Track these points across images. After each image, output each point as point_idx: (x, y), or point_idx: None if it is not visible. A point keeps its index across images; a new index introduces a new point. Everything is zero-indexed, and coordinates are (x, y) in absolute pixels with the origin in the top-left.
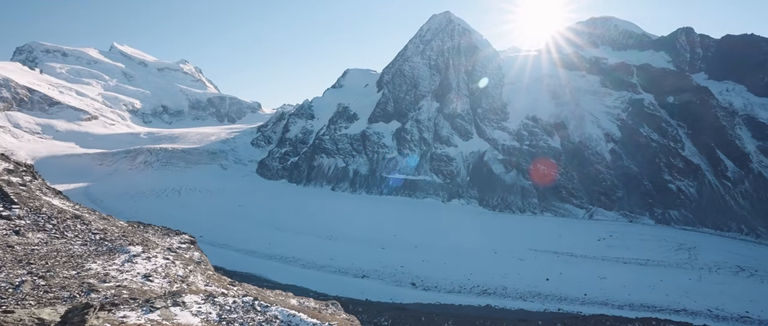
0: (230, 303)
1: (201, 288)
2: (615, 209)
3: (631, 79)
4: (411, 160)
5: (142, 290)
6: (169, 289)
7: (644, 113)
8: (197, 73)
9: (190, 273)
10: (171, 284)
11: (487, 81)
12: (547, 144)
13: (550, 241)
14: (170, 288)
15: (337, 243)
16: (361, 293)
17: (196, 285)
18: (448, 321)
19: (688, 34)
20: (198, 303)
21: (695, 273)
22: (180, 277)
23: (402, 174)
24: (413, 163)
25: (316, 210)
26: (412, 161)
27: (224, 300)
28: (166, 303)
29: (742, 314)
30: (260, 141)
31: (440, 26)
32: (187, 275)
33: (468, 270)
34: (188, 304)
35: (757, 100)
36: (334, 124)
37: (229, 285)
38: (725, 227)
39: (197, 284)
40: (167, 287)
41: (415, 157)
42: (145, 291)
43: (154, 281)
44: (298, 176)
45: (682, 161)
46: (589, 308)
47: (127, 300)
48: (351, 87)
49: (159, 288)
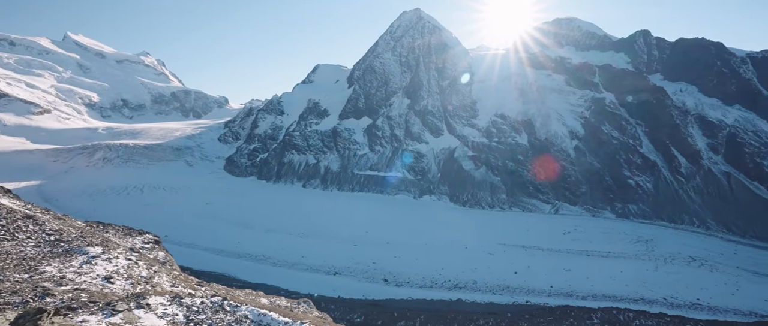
0: (198, 303)
1: (167, 290)
2: (579, 204)
3: (593, 79)
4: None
5: (103, 293)
6: (132, 291)
7: (605, 112)
8: (160, 65)
9: (154, 274)
10: (134, 286)
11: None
12: (515, 141)
13: (518, 236)
14: (133, 290)
15: (308, 240)
16: (334, 290)
17: (161, 286)
18: (421, 316)
19: (646, 37)
20: (163, 304)
21: (652, 264)
22: (144, 278)
23: (374, 170)
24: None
25: (287, 208)
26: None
27: (191, 300)
28: (129, 306)
29: (693, 301)
30: (228, 137)
31: (411, 23)
32: (151, 276)
33: (439, 266)
34: (153, 306)
35: (707, 101)
36: (305, 119)
37: (196, 286)
38: (679, 220)
39: (162, 285)
40: (130, 289)
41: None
42: (106, 294)
43: (115, 283)
44: (267, 173)
45: (640, 158)
46: (556, 299)
47: (85, 303)
48: (321, 82)
49: (121, 290)
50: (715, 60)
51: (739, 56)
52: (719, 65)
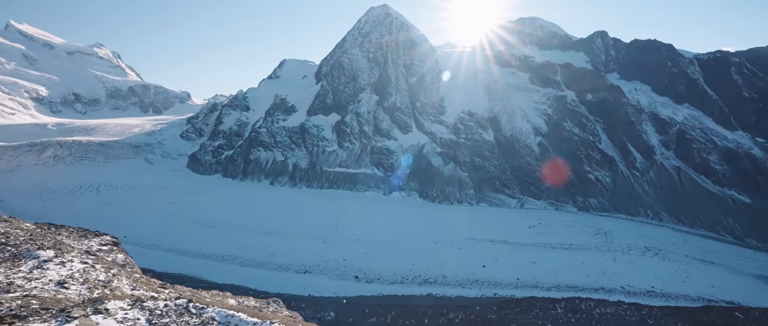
0: (161, 306)
1: (127, 293)
2: (543, 198)
3: (555, 77)
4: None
5: (56, 299)
6: (89, 296)
7: (567, 109)
8: (115, 58)
9: (113, 278)
10: (91, 290)
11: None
12: (482, 137)
13: (486, 230)
14: (90, 295)
15: (277, 238)
16: (304, 288)
17: (121, 289)
18: (392, 312)
19: (603, 38)
20: (124, 309)
21: (611, 254)
22: (102, 282)
23: (342, 167)
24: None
25: (254, 206)
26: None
27: (154, 304)
28: (86, 312)
29: (648, 289)
30: (191, 133)
31: (378, 19)
32: (110, 279)
33: (409, 261)
34: (112, 311)
35: (659, 99)
36: (272, 116)
37: (159, 288)
38: (635, 212)
39: (122, 289)
40: (87, 294)
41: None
42: (60, 300)
43: (70, 288)
44: (233, 170)
45: (599, 153)
46: (522, 291)
47: (36, 310)
48: (288, 78)
49: (77, 295)
50: (666, 61)
51: (687, 57)
52: (670, 66)
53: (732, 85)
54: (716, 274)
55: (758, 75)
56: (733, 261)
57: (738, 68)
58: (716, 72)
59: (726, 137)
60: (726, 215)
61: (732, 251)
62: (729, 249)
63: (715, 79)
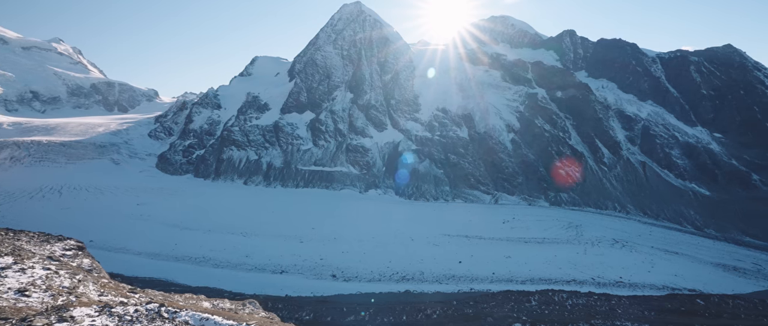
0: (131, 312)
1: (94, 300)
2: (516, 194)
3: (526, 75)
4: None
5: (17, 307)
6: (53, 304)
7: (538, 106)
8: (76, 54)
9: (79, 284)
10: (55, 298)
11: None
12: (457, 134)
13: (462, 226)
14: (54, 303)
15: (252, 239)
16: (281, 289)
17: (87, 296)
18: (370, 310)
19: (572, 36)
20: (91, 316)
21: (581, 247)
22: (66, 289)
23: (318, 166)
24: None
25: (228, 206)
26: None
27: (124, 309)
28: (49, 320)
29: (617, 279)
30: (159, 132)
31: (352, 16)
32: (75, 286)
33: (387, 259)
34: (78, 319)
35: (625, 96)
36: (244, 114)
37: (129, 293)
38: (603, 206)
39: (89, 295)
40: (50, 301)
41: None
42: (21, 309)
43: (31, 296)
44: (205, 170)
45: (569, 149)
46: (497, 285)
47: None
48: (260, 75)
49: (39, 303)
50: (631, 59)
51: (650, 56)
52: (634, 64)
53: (691, 83)
54: (679, 264)
55: (715, 73)
56: (695, 250)
57: (696, 67)
58: (677, 70)
59: (686, 132)
60: (687, 207)
61: (693, 241)
62: (690, 240)
63: (676, 77)
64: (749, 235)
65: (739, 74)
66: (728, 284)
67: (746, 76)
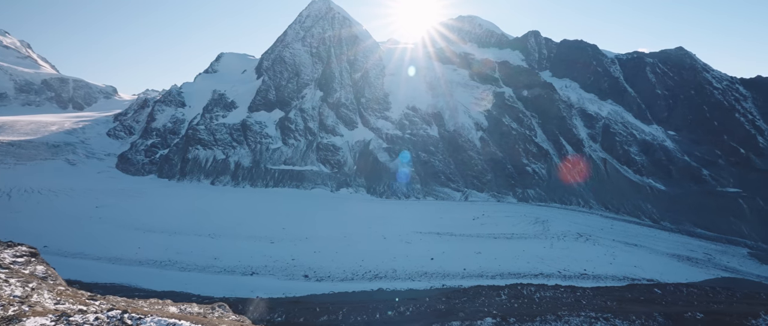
0: (91, 320)
1: (50, 308)
2: (485, 190)
3: (494, 74)
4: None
5: None
6: (3, 315)
7: (505, 105)
8: (24, 48)
9: (32, 292)
10: (5, 308)
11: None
12: (427, 132)
13: (433, 223)
14: (4, 313)
15: (221, 241)
16: (251, 291)
17: (42, 305)
18: (343, 309)
19: (536, 37)
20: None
21: (548, 241)
22: (18, 298)
23: (288, 165)
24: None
25: (195, 207)
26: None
27: (83, 317)
28: None
29: (581, 272)
30: (119, 131)
31: (320, 13)
32: (28, 294)
33: (359, 257)
34: None
35: (587, 96)
36: (210, 112)
37: (88, 300)
38: (568, 202)
39: (44, 304)
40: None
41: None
42: None
43: None
44: (169, 170)
45: (536, 147)
46: (469, 281)
47: None
48: (227, 72)
49: None
50: (592, 60)
51: (610, 57)
52: (595, 65)
53: (647, 83)
54: (638, 255)
55: (668, 74)
56: (652, 242)
57: (652, 68)
58: (634, 71)
59: (643, 130)
60: (645, 201)
61: (651, 234)
62: (648, 232)
63: (633, 78)
64: (700, 227)
65: (690, 75)
66: (682, 273)
67: (696, 77)
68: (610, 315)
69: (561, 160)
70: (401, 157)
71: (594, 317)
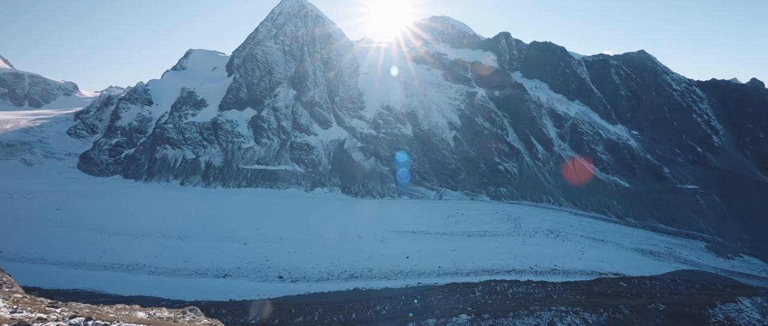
0: None
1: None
2: (459, 189)
3: (466, 75)
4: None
5: None
6: None
7: (478, 105)
8: None
9: None
10: None
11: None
12: (401, 132)
13: (408, 222)
14: None
15: (191, 243)
16: (224, 294)
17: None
18: (319, 310)
19: (507, 38)
20: None
21: (520, 238)
22: None
23: (261, 165)
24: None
25: (164, 209)
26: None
27: None
28: None
29: (552, 267)
30: (81, 130)
31: (293, 11)
32: None
33: (335, 257)
34: None
35: (556, 96)
36: (179, 110)
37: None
38: (539, 199)
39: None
40: None
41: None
42: None
43: None
44: (136, 171)
45: (507, 146)
46: (444, 278)
47: None
48: (196, 70)
49: None
50: (560, 61)
51: (577, 59)
52: (563, 66)
53: (612, 84)
54: (605, 250)
55: (631, 76)
56: (618, 238)
57: (616, 70)
58: (599, 72)
59: (609, 130)
60: (611, 198)
61: (616, 229)
62: (614, 228)
63: (599, 79)
64: (662, 222)
65: (651, 77)
66: (646, 266)
67: (657, 79)
68: (580, 309)
69: (532, 159)
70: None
71: (564, 311)
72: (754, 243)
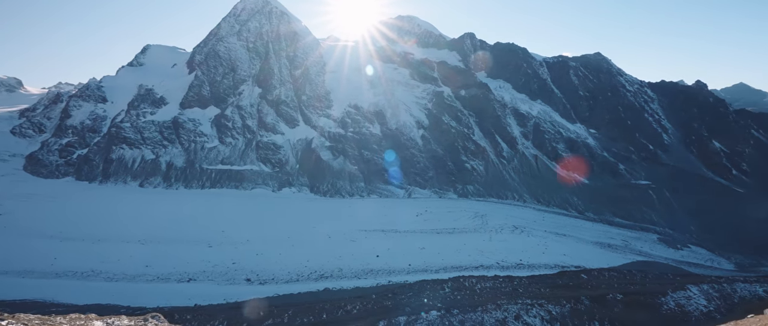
0: None
1: None
2: (428, 187)
3: (433, 74)
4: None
5: None
6: None
7: (444, 104)
8: None
9: None
10: None
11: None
12: (369, 131)
13: (378, 221)
14: None
15: (152, 247)
16: (189, 299)
17: None
18: (288, 311)
19: (472, 39)
20: None
21: (487, 235)
22: None
23: (225, 165)
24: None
25: (121, 212)
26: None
27: None
28: None
29: (518, 262)
30: (27, 129)
31: (256, 7)
32: None
33: (304, 258)
34: None
35: (519, 96)
36: (136, 108)
37: None
38: (504, 196)
39: None
40: None
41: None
42: None
43: None
44: (90, 172)
45: (473, 144)
46: (414, 276)
47: None
48: (154, 66)
49: None
50: (522, 62)
51: (538, 60)
52: (525, 67)
53: (571, 85)
54: (567, 244)
55: (588, 77)
56: (578, 232)
57: (575, 71)
58: (559, 73)
59: (569, 129)
60: (571, 194)
61: (577, 224)
62: (575, 223)
63: (559, 80)
64: (618, 216)
65: (606, 78)
66: (605, 259)
67: (612, 80)
68: (544, 301)
69: (497, 157)
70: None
71: (530, 304)
72: (701, 235)
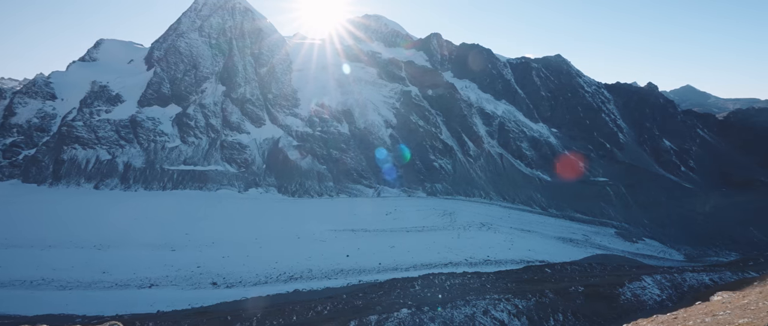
0: None
1: None
2: (397, 186)
3: (400, 73)
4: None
5: None
6: None
7: (412, 103)
8: None
9: None
10: None
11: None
12: (337, 130)
13: (347, 220)
14: None
15: (110, 252)
16: (151, 305)
17: None
18: (257, 314)
19: (438, 39)
20: None
21: (455, 232)
22: None
23: (188, 165)
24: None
25: (75, 216)
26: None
27: None
28: None
29: (485, 258)
30: None
31: (219, 2)
32: None
33: (273, 259)
34: None
35: (484, 96)
36: (89, 106)
37: None
38: (471, 194)
39: None
40: None
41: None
42: None
43: None
44: (38, 174)
45: (441, 143)
46: (384, 275)
47: None
48: (108, 62)
49: None
50: (487, 63)
51: (502, 61)
52: (490, 68)
53: (533, 86)
54: (531, 240)
55: (550, 78)
56: (542, 228)
57: (537, 72)
58: (522, 74)
59: (532, 128)
60: (535, 191)
61: (541, 220)
62: (539, 219)
63: (522, 80)
64: (579, 212)
65: (566, 80)
66: (567, 253)
67: (572, 81)
68: (511, 296)
69: (464, 155)
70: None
71: (497, 298)
72: (653, 228)
